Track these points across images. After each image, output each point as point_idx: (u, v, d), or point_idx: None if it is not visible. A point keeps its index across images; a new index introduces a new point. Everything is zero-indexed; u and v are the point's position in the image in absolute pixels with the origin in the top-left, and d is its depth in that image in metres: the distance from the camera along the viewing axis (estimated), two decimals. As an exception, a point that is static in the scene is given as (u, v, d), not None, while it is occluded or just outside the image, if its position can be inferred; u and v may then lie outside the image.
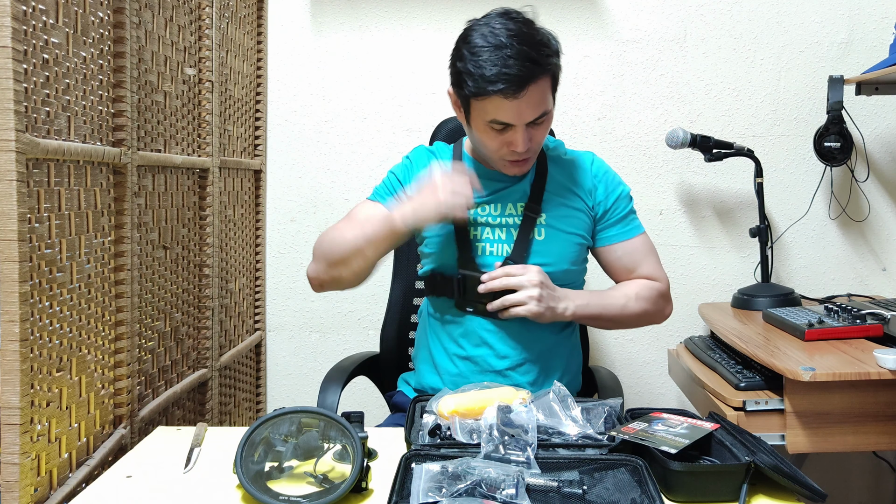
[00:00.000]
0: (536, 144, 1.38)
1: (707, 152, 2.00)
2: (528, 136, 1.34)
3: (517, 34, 1.29)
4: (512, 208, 1.46)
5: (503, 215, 1.46)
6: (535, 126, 1.35)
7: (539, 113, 1.33)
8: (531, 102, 1.30)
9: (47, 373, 1.07)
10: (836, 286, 2.18)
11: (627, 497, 0.96)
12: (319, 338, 2.24)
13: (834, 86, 1.99)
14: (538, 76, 1.29)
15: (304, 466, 1.07)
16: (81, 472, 1.15)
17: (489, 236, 1.46)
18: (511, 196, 1.47)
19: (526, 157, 1.39)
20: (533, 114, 1.32)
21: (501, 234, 1.45)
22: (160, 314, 1.52)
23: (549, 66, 1.32)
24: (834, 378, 1.37)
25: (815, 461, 2.17)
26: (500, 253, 1.44)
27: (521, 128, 1.33)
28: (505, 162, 1.40)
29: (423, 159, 1.54)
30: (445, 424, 1.15)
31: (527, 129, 1.33)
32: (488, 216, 1.46)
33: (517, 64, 1.26)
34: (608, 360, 2.22)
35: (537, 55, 1.29)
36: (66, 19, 1.14)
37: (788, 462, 1.02)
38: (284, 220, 2.23)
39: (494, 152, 1.39)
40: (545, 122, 1.37)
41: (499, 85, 1.27)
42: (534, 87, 1.29)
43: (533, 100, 1.30)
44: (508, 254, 1.43)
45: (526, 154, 1.37)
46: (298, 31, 2.18)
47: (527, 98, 1.29)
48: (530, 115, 1.32)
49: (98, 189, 1.24)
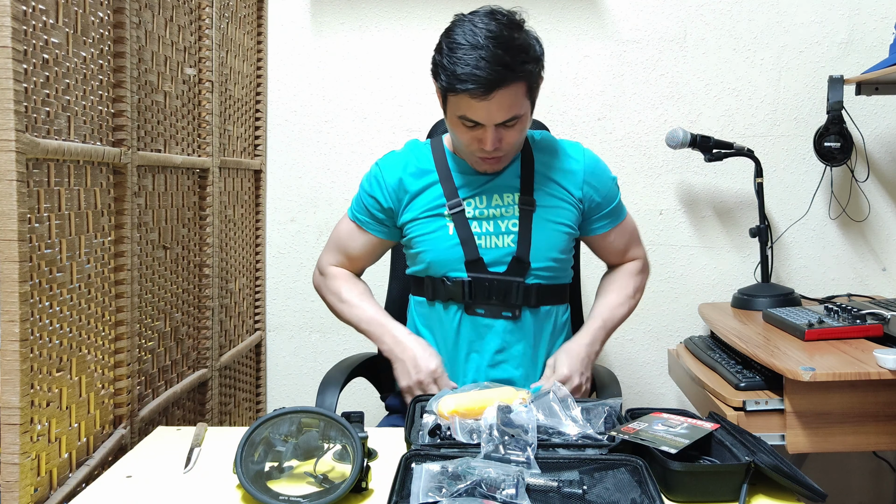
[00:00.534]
0: (508, 145, 1.39)
1: (707, 152, 2.00)
2: (497, 137, 1.36)
3: (496, 37, 1.30)
4: (498, 199, 1.47)
5: (493, 206, 1.46)
6: (506, 128, 1.36)
7: (509, 116, 1.34)
8: (501, 105, 1.32)
9: (47, 373, 1.07)
10: (836, 286, 2.18)
11: (627, 497, 0.96)
12: (319, 338, 2.24)
13: (834, 86, 1.99)
14: (509, 82, 1.30)
15: (304, 466, 1.07)
16: (81, 472, 1.15)
17: (489, 228, 1.46)
18: (498, 188, 1.47)
19: (496, 155, 1.40)
20: (502, 116, 1.33)
21: (501, 224, 1.46)
22: (160, 314, 1.52)
23: (522, 72, 1.32)
24: (834, 378, 1.37)
25: (815, 461, 2.17)
26: (502, 244, 1.44)
27: (490, 128, 1.35)
28: (476, 158, 1.42)
29: (394, 166, 1.52)
30: (445, 424, 1.15)
31: (497, 129, 1.35)
32: (481, 209, 1.46)
33: (489, 67, 1.28)
34: (608, 360, 2.22)
35: (511, 60, 1.29)
36: (66, 19, 1.14)
37: (788, 462, 1.02)
38: (284, 220, 2.23)
39: (466, 147, 1.41)
40: (517, 125, 1.38)
41: (468, 85, 1.29)
42: (504, 91, 1.30)
43: (503, 103, 1.32)
44: (511, 248, 1.44)
45: (496, 153, 1.39)
46: (298, 31, 2.18)
47: (496, 101, 1.31)
48: (499, 117, 1.33)
49: (98, 189, 1.24)
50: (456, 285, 1.45)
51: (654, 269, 2.19)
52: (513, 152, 1.44)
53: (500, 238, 1.46)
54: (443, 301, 1.48)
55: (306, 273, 2.22)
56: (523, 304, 1.45)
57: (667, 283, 2.20)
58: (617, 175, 1.54)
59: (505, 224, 1.46)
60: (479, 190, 1.47)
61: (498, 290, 1.44)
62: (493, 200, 1.47)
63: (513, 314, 1.45)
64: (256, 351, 2.21)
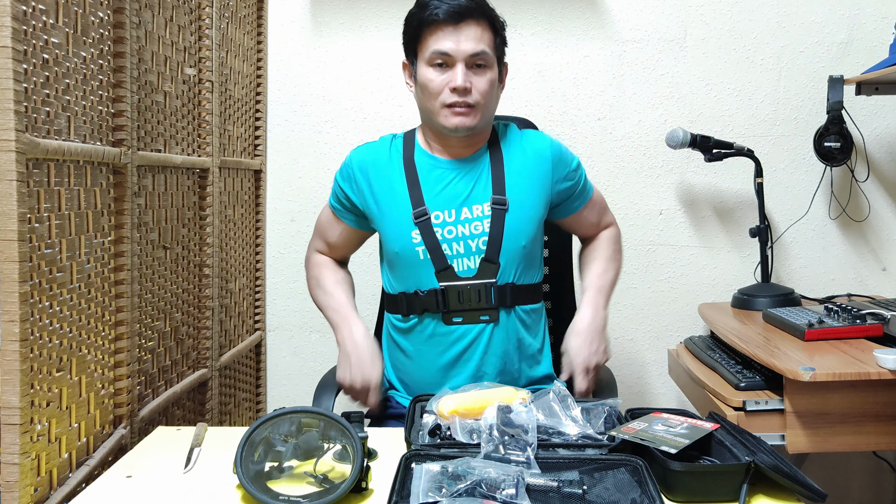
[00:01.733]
0: (478, 93, 1.42)
1: (707, 152, 2.00)
2: (467, 78, 1.40)
3: None
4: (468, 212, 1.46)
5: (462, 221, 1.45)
6: (476, 70, 1.42)
7: (477, 49, 1.40)
8: (470, 36, 1.40)
9: (47, 373, 1.07)
10: (836, 286, 2.18)
11: (627, 497, 0.96)
12: (319, 338, 2.24)
13: (834, 86, 1.99)
14: (479, 16, 1.41)
15: (304, 466, 1.07)
16: (81, 472, 1.15)
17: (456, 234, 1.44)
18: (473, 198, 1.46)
19: (468, 101, 1.41)
20: (471, 47, 1.40)
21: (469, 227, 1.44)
22: (160, 314, 1.52)
23: (490, 16, 1.43)
24: (834, 378, 1.37)
25: (815, 461, 2.17)
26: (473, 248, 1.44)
27: (460, 64, 1.40)
28: (447, 111, 1.42)
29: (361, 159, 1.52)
30: (445, 424, 1.15)
31: (466, 71, 1.40)
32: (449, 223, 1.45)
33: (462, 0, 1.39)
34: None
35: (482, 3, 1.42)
36: (66, 19, 1.14)
37: (788, 462, 1.02)
38: (284, 220, 2.23)
39: (437, 97, 1.42)
40: (487, 72, 1.43)
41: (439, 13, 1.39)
42: (472, 24, 1.40)
43: (472, 34, 1.40)
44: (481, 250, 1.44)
45: (467, 98, 1.41)
46: (298, 31, 2.18)
47: (465, 31, 1.40)
48: (469, 47, 1.40)
49: (98, 189, 1.24)
50: (429, 296, 1.44)
51: (653, 269, 2.19)
52: (482, 112, 1.43)
53: (470, 240, 1.44)
54: (418, 314, 1.47)
55: (306, 273, 2.22)
56: (498, 305, 1.44)
57: (667, 283, 2.20)
58: (617, 175, 1.54)
59: (474, 226, 1.45)
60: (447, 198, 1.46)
61: (471, 296, 1.44)
62: (462, 213, 1.45)
63: (490, 317, 1.44)
64: (256, 351, 2.21)
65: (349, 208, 1.54)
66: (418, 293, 1.46)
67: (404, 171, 1.48)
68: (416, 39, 1.45)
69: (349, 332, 1.48)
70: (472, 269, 1.44)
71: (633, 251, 2.19)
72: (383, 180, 1.49)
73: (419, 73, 1.45)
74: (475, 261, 1.44)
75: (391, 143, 1.53)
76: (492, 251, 1.44)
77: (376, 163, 1.50)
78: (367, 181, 1.50)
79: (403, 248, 1.46)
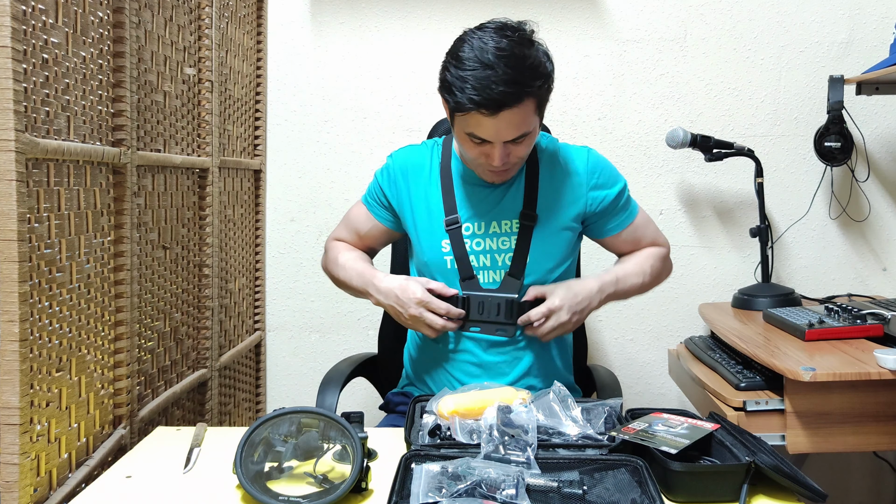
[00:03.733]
0: (516, 158, 1.37)
1: (707, 152, 2.00)
2: (505, 153, 1.34)
3: (507, 56, 1.26)
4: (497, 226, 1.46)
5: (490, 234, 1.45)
6: (515, 143, 1.34)
7: (518, 134, 1.31)
8: (511, 123, 1.29)
9: (47, 373, 1.07)
10: (836, 286, 2.17)
11: (627, 497, 0.95)
12: (319, 338, 2.24)
13: (834, 86, 1.99)
14: (519, 101, 1.27)
15: (304, 466, 1.07)
16: (81, 473, 1.15)
17: (484, 247, 1.45)
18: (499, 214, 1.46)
19: (504, 168, 1.38)
20: (511, 134, 1.31)
21: (497, 241, 1.45)
22: (160, 314, 1.52)
23: (533, 90, 1.28)
24: (834, 378, 1.37)
25: (816, 461, 2.17)
26: (500, 261, 1.44)
27: (498, 144, 1.32)
28: (484, 170, 1.41)
29: (403, 161, 1.53)
30: (445, 424, 1.15)
31: (505, 145, 1.33)
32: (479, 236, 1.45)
33: (499, 87, 1.24)
34: (608, 360, 2.22)
35: (521, 79, 1.26)
36: (66, 19, 1.14)
37: (789, 462, 1.02)
38: (284, 220, 2.23)
39: (473, 161, 1.39)
40: (526, 141, 1.35)
41: (477, 105, 1.26)
42: (513, 110, 1.27)
43: (513, 121, 1.29)
44: (507, 265, 1.44)
45: (504, 167, 1.37)
46: (298, 31, 2.18)
47: (505, 119, 1.28)
48: (509, 135, 1.31)
49: (98, 189, 1.24)
50: (451, 301, 1.43)
51: (654, 269, 2.19)
52: (520, 165, 1.43)
53: (497, 255, 1.44)
54: None
55: (306, 273, 2.22)
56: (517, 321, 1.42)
57: (667, 283, 2.17)
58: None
59: (502, 240, 1.45)
60: (478, 210, 1.46)
61: (491, 307, 1.43)
62: (490, 227, 1.46)
63: (507, 332, 1.43)
64: (256, 351, 2.21)
65: (385, 206, 1.54)
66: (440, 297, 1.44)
67: (440, 178, 1.49)
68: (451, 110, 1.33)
69: (376, 289, 1.45)
70: (496, 283, 1.44)
71: (633, 251, 2.18)
72: (421, 186, 1.50)
73: (456, 132, 1.37)
74: (501, 275, 1.44)
75: (432, 148, 1.54)
76: (516, 267, 1.43)
77: (417, 167, 1.52)
78: (407, 184, 1.51)
79: (433, 256, 1.46)
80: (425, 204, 1.49)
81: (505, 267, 1.44)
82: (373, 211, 1.56)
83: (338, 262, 1.56)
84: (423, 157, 1.53)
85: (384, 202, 1.54)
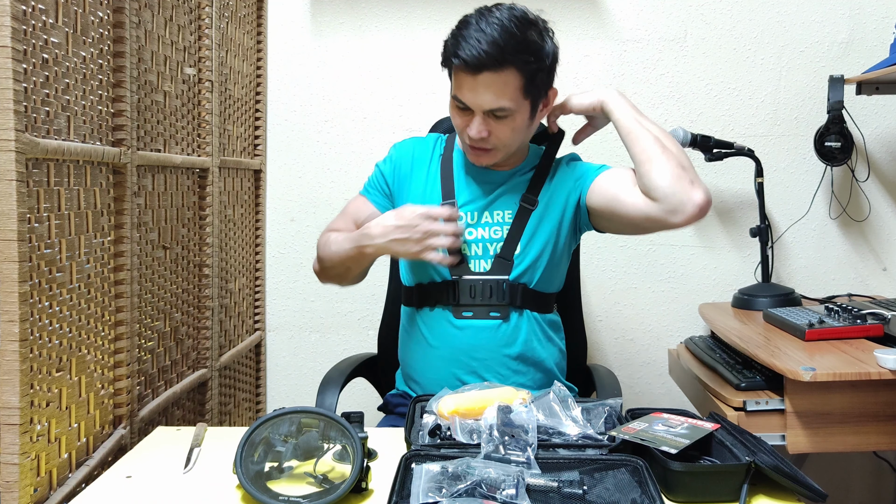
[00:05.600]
0: (497, 140, 1.37)
1: (707, 152, 2.00)
2: (485, 127, 1.35)
3: (502, 26, 1.29)
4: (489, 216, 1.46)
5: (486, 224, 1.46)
6: (496, 120, 1.35)
7: (496, 105, 1.32)
8: (489, 88, 1.30)
9: (47, 373, 1.07)
10: (836, 286, 2.17)
11: (628, 497, 0.95)
12: (319, 338, 2.24)
13: (834, 85, 1.99)
14: (499, 66, 1.28)
15: (304, 466, 1.07)
16: (81, 473, 1.15)
17: (477, 236, 1.45)
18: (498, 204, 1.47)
19: (483, 147, 1.39)
20: (489, 102, 1.32)
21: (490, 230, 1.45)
22: (160, 314, 1.52)
23: (518, 63, 1.29)
24: (834, 378, 1.37)
25: (816, 461, 2.17)
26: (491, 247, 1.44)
27: (478, 114, 1.34)
28: (468, 147, 1.42)
29: (407, 150, 1.55)
30: (445, 424, 1.14)
31: (486, 119, 1.34)
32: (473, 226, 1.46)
33: (483, 46, 1.27)
34: (608, 360, 2.22)
35: (508, 47, 1.28)
36: (66, 19, 1.14)
37: (789, 462, 1.02)
38: (284, 220, 2.23)
39: (459, 132, 1.42)
40: (508, 121, 1.35)
41: (460, 57, 1.29)
42: (493, 76, 1.29)
43: (492, 87, 1.30)
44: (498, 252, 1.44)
45: (482, 143, 1.38)
46: (298, 31, 2.18)
47: (484, 83, 1.30)
48: (487, 103, 1.32)
49: (98, 189, 1.24)
50: (442, 287, 1.44)
51: (654, 269, 2.19)
52: (504, 151, 1.41)
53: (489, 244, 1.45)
54: (430, 306, 1.47)
55: (306, 273, 2.22)
56: (509, 303, 1.43)
57: (667, 283, 2.20)
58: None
59: (494, 230, 1.45)
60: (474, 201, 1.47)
61: (483, 291, 1.43)
62: (483, 217, 1.46)
63: (500, 314, 1.43)
64: (256, 351, 2.21)
65: (386, 194, 1.55)
66: (431, 283, 1.46)
67: (440, 167, 1.51)
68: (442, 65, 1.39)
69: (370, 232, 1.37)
70: (485, 269, 1.45)
71: (633, 251, 2.18)
72: (421, 173, 1.52)
73: (450, 99, 1.41)
74: (490, 263, 1.45)
75: (436, 140, 1.57)
76: (507, 248, 1.44)
77: (420, 156, 1.54)
78: (410, 171, 1.52)
79: None
80: (423, 190, 1.50)
81: (495, 250, 1.45)
82: (372, 198, 1.56)
83: (328, 243, 1.49)
84: (427, 148, 1.55)
85: (385, 189, 1.55)
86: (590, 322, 2.15)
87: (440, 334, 1.47)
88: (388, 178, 1.54)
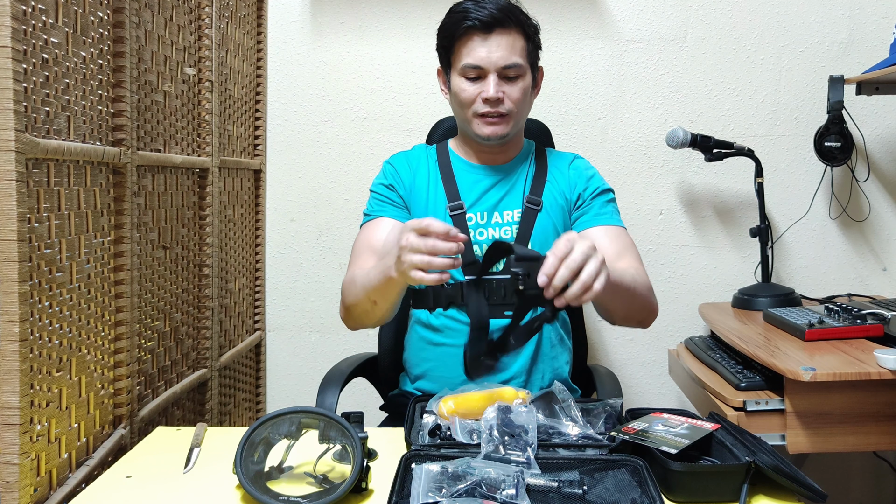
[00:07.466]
0: (511, 103, 1.42)
1: (707, 152, 2.00)
2: (499, 87, 1.40)
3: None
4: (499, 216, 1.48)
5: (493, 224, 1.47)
6: (508, 82, 1.41)
7: (510, 62, 1.40)
8: (502, 46, 1.39)
9: (47, 373, 1.07)
10: (836, 286, 2.17)
11: (628, 497, 0.95)
12: (319, 338, 2.24)
13: (834, 85, 1.99)
14: (508, 24, 1.40)
15: (304, 466, 1.07)
16: (81, 473, 1.15)
17: (487, 236, 1.47)
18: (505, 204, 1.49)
19: (500, 111, 1.42)
20: (503, 59, 1.39)
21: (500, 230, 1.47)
22: (160, 314, 1.51)
23: (521, 24, 1.41)
24: (834, 378, 1.37)
25: (816, 461, 2.17)
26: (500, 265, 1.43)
27: (493, 75, 1.40)
28: (480, 121, 1.43)
29: (402, 162, 1.56)
30: (445, 424, 1.14)
31: (499, 81, 1.40)
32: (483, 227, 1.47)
33: (492, 6, 1.39)
34: (608, 360, 2.22)
35: (513, 9, 1.41)
36: (66, 19, 1.14)
37: (789, 462, 1.02)
38: (284, 220, 2.23)
39: (469, 107, 1.43)
40: (520, 82, 1.42)
41: (472, 19, 1.38)
42: (504, 34, 1.39)
43: (503, 44, 1.39)
44: None
45: (499, 107, 1.41)
46: (298, 31, 2.18)
47: (497, 41, 1.39)
48: (500, 60, 1.39)
49: (98, 189, 1.24)
50: (454, 289, 1.45)
51: (654, 269, 2.19)
52: (515, 120, 1.45)
53: None
54: (444, 308, 1.47)
55: (306, 273, 2.22)
56: None
57: (667, 283, 2.19)
58: (617, 175, 1.53)
59: (503, 230, 1.47)
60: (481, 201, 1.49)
61: (496, 290, 1.43)
62: (493, 217, 1.48)
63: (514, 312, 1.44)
64: (256, 351, 2.21)
65: (401, 206, 1.51)
66: (444, 286, 1.44)
67: (440, 172, 1.52)
68: (448, 50, 1.46)
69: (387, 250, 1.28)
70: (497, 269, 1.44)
71: (633, 251, 2.19)
72: (422, 179, 1.53)
73: (452, 82, 1.46)
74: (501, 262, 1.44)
75: (426, 150, 1.58)
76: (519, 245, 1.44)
77: (414, 164, 1.55)
78: (412, 177, 1.53)
79: None
80: (427, 193, 1.51)
81: None
82: (388, 214, 1.49)
83: (355, 280, 1.39)
84: (420, 158, 1.57)
85: (398, 201, 1.52)
86: (590, 322, 2.15)
87: (455, 334, 1.48)
88: (399, 188, 1.52)
